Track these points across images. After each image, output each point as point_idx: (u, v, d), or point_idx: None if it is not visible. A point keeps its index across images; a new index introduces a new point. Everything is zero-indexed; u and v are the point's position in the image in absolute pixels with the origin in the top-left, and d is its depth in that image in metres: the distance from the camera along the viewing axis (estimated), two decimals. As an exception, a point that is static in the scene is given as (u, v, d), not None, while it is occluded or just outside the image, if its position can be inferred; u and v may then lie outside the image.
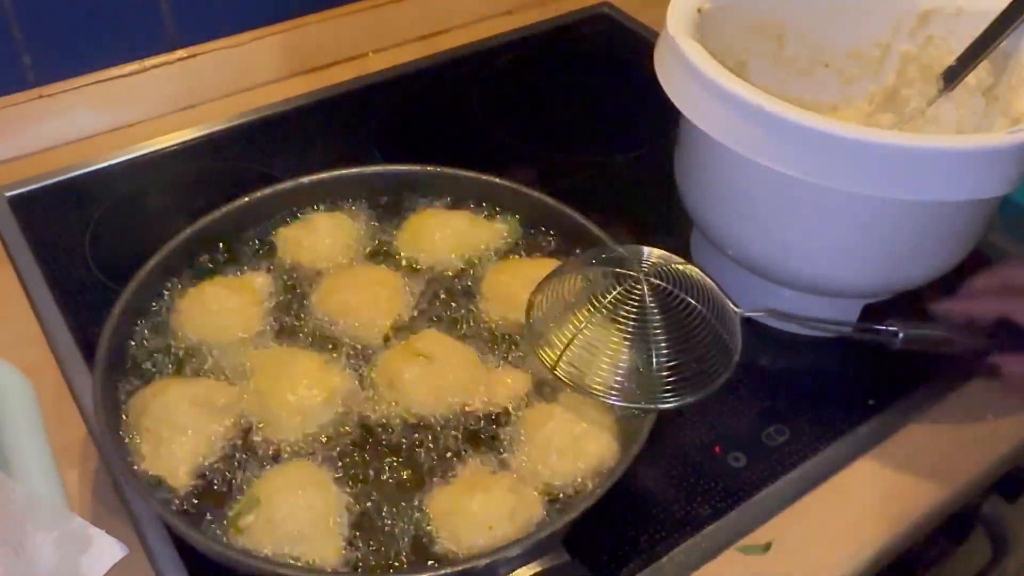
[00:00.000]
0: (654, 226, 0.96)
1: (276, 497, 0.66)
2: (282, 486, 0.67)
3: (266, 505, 0.66)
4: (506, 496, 0.66)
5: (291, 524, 0.65)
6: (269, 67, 1.14)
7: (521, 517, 0.66)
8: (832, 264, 0.78)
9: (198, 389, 0.72)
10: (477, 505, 0.65)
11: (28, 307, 0.87)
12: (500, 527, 0.65)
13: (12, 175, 1.00)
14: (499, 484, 0.67)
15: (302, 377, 0.72)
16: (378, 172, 0.89)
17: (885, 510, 0.74)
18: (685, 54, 0.73)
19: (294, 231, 0.84)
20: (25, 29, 0.99)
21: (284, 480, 0.67)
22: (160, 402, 0.70)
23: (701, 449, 0.77)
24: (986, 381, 0.83)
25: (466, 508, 0.65)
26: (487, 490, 0.66)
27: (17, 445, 0.73)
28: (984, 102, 0.84)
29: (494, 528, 0.65)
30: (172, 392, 0.71)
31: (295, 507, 0.65)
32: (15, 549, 0.65)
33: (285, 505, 0.65)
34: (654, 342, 0.67)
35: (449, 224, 0.85)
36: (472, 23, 1.26)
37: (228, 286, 0.79)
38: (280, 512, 0.65)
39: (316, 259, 0.83)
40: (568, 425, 0.70)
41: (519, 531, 0.65)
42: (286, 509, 0.65)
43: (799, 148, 0.69)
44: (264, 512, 0.65)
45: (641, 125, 1.11)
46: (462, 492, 0.67)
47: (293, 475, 0.68)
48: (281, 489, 0.66)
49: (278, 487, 0.67)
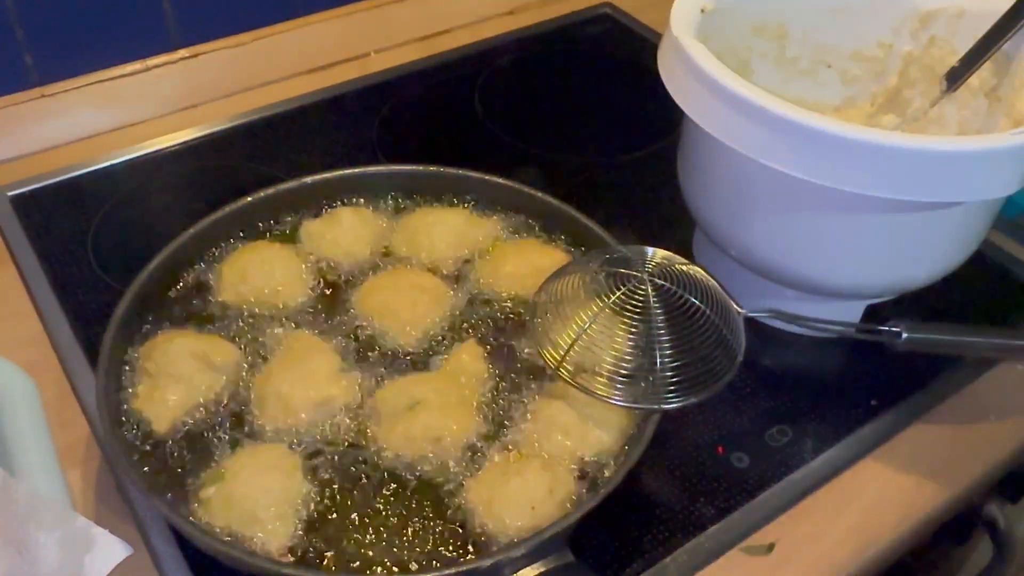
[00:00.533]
0: (656, 226, 0.96)
1: (240, 475, 0.67)
2: (248, 465, 0.67)
3: (229, 481, 0.66)
4: (541, 475, 0.67)
5: (247, 504, 0.65)
6: (271, 67, 1.14)
7: (560, 494, 0.66)
8: (835, 265, 0.78)
9: (202, 344, 0.74)
10: (515, 488, 0.66)
11: (31, 306, 0.87)
12: (542, 507, 0.65)
13: (14, 174, 1.00)
14: (531, 465, 0.67)
15: (307, 374, 0.73)
16: (380, 172, 0.89)
17: (888, 511, 0.74)
18: (688, 54, 0.73)
19: (318, 225, 0.85)
20: (27, 28, 0.99)
21: (252, 460, 0.68)
22: (164, 349, 0.73)
23: (704, 449, 0.77)
24: (988, 382, 0.83)
25: (505, 493, 0.66)
26: (521, 473, 0.67)
27: (20, 444, 0.73)
28: (987, 103, 0.84)
29: (536, 508, 0.65)
30: (178, 342, 0.74)
31: (254, 488, 0.66)
32: (18, 549, 0.65)
33: (245, 485, 0.66)
34: (658, 343, 0.67)
35: (446, 221, 0.85)
36: (474, 23, 1.27)
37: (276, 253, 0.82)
38: (239, 491, 0.66)
39: (339, 254, 0.84)
40: (580, 410, 0.70)
41: (560, 507, 0.66)
42: (245, 489, 0.66)
43: (802, 148, 0.69)
44: (225, 488, 0.66)
45: (643, 125, 1.11)
46: (496, 479, 0.67)
47: (263, 457, 0.68)
48: (246, 468, 0.67)
49: (244, 465, 0.67)
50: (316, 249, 0.84)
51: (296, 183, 0.86)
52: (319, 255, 0.84)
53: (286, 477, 0.67)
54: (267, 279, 0.80)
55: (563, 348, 0.69)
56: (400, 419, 0.71)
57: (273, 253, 0.82)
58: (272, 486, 0.66)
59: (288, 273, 0.81)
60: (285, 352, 0.75)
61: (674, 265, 0.70)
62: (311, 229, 0.85)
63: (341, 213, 0.85)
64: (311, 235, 0.85)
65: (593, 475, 0.69)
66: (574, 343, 0.68)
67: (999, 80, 0.83)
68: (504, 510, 0.66)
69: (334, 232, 0.84)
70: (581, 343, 0.68)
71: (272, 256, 0.81)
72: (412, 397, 0.72)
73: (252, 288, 0.79)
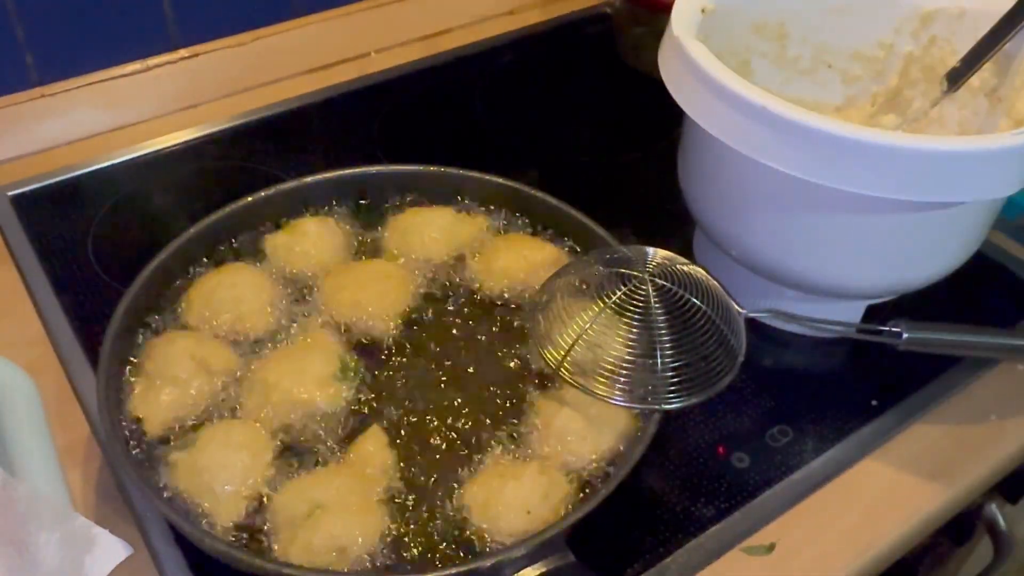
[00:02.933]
0: (657, 227, 0.95)
1: (209, 446, 0.67)
2: (218, 438, 0.68)
3: (198, 450, 0.67)
4: (538, 479, 0.66)
5: (206, 476, 0.66)
6: (271, 67, 1.14)
7: (555, 497, 0.66)
8: (835, 265, 0.78)
9: (202, 347, 0.74)
10: (511, 492, 0.66)
11: (31, 306, 0.87)
12: (537, 510, 0.65)
13: (14, 174, 1.00)
14: (528, 469, 0.67)
15: (304, 373, 0.73)
16: (381, 172, 0.89)
17: (888, 511, 0.74)
18: (689, 54, 0.73)
19: (283, 238, 0.84)
20: (27, 28, 0.99)
21: (224, 434, 0.69)
22: (164, 350, 0.73)
23: (705, 450, 0.77)
24: (988, 382, 0.83)
25: (501, 496, 0.66)
26: (517, 477, 0.67)
27: (20, 444, 0.73)
28: (987, 103, 0.84)
29: (532, 512, 0.65)
30: (179, 343, 0.74)
31: (217, 463, 0.67)
32: (19, 549, 0.65)
33: (210, 457, 0.67)
34: (659, 343, 0.67)
35: (434, 221, 0.85)
36: (474, 23, 1.26)
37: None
38: (203, 461, 0.67)
39: (308, 265, 0.83)
40: (581, 411, 0.70)
41: (555, 512, 0.66)
42: (208, 461, 0.67)
43: (802, 148, 0.69)
44: (192, 455, 0.67)
45: (643, 125, 1.11)
46: (492, 482, 0.67)
47: (235, 433, 0.69)
48: (215, 441, 0.68)
49: (214, 437, 0.68)
50: (285, 263, 0.82)
51: (296, 183, 0.86)
52: (287, 268, 0.82)
53: (253, 456, 0.68)
54: (235, 304, 0.78)
55: (564, 348, 0.69)
56: (300, 529, 0.65)
57: (241, 278, 0.79)
58: (235, 463, 0.67)
59: (256, 298, 0.79)
60: (277, 358, 0.75)
61: (675, 265, 0.70)
62: (276, 242, 0.83)
63: (306, 224, 0.84)
64: (276, 248, 0.83)
65: (592, 477, 0.69)
66: (575, 343, 0.68)
67: (1000, 80, 0.83)
68: (500, 514, 0.65)
69: (302, 244, 0.83)
70: (582, 343, 0.68)
71: (240, 281, 0.79)
72: (311, 502, 0.66)
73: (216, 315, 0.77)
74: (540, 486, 0.66)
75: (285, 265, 0.83)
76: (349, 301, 0.79)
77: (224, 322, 0.77)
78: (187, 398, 0.72)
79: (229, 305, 0.77)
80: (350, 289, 0.80)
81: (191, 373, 0.72)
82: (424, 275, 0.83)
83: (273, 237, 0.84)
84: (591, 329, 0.68)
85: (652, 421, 0.68)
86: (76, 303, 0.86)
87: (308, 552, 0.63)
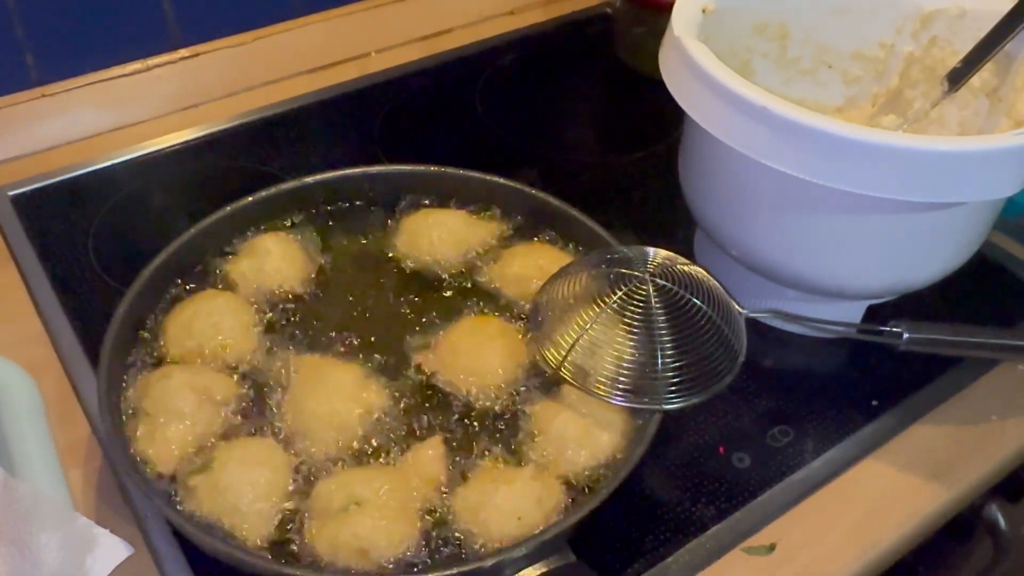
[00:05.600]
0: (657, 227, 0.96)
1: (228, 466, 0.66)
2: (237, 457, 0.67)
3: (217, 470, 0.66)
4: (530, 485, 0.66)
5: (230, 496, 0.65)
6: (271, 67, 1.14)
7: (548, 504, 0.66)
8: (835, 265, 0.78)
9: (202, 378, 0.72)
10: (502, 497, 0.65)
11: (31, 306, 0.87)
12: (528, 516, 0.65)
13: (15, 174, 1.00)
14: (521, 475, 0.67)
15: (336, 391, 0.72)
16: (381, 172, 0.89)
17: (889, 511, 0.74)
18: (690, 55, 0.73)
19: (245, 261, 0.81)
20: (28, 28, 0.99)
21: (242, 452, 0.68)
22: (162, 386, 0.71)
23: (705, 450, 0.77)
24: (988, 382, 0.83)
25: (492, 501, 0.65)
26: (510, 482, 0.66)
27: (21, 444, 0.73)
28: (988, 104, 0.84)
29: (523, 518, 0.65)
30: (176, 377, 0.71)
31: (240, 481, 0.66)
32: (20, 549, 0.65)
33: (231, 476, 0.66)
34: (659, 343, 0.67)
35: (445, 223, 0.85)
36: (474, 23, 1.26)
37: None
38: (225, 481, 0.66)
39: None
40: (579, 415, 0.70)
41: (547, 518, 0.65)
42: (229, 480, 0.66)
43: (803, 149, 0.69)
44: (212, 476, 0.66)
45: (644, 126, 1.11)
46: (485, 486, 0.67)
47: (253, 450, 0.68)
48: (235, 460, 0.67)
49: (233, 457, 0.67)
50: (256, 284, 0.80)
51: (296, 183, 0.86)
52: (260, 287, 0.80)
53: (275, 472, 0.67)
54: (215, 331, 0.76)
55: (564, 348, 0.69)
56: (330, 520, 0.65)
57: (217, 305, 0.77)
58: (258, 480, 0.66)
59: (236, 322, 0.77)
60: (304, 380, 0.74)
61: (675, 265, 0.70)
62: (241, 268, 0.81)
63: (266, 241, 0.82)
64: (244, 274, 0.80)
65: (590, 479, 0.68)
66: (575, 343, 0.68)
67: (1000, 81, 0.83)
68: (490, 519, 0.65)
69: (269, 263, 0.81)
70: (582, 343, 0.68)
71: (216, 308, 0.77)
72: (349, 496, 0.65)
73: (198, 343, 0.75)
74: (533, 491, 0.66)
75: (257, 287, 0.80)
76: None
77: (212, 350, 0.75)
78: (195, 432, 0.70)
79: (211, 333, 0.75)
80: None
81: (195, 405, 0.70)
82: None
83: (236, 261, 0.81)
84: (591, 329, 0.68)
85: (652, 421, 0.68)
86: (76, 303, 0.86)
87: (332, 548, 0.64)
